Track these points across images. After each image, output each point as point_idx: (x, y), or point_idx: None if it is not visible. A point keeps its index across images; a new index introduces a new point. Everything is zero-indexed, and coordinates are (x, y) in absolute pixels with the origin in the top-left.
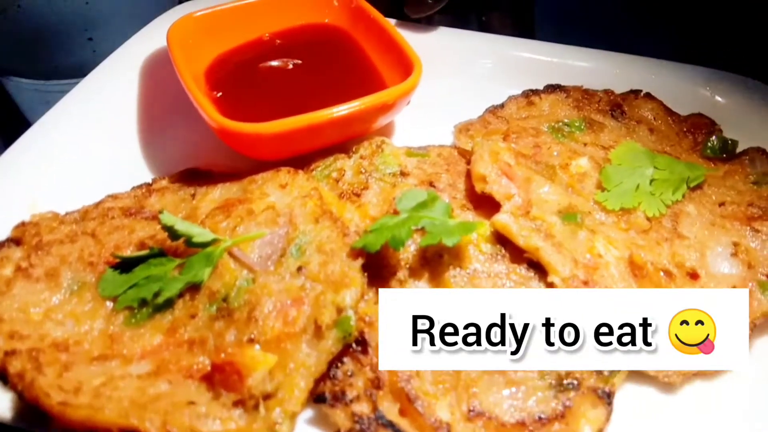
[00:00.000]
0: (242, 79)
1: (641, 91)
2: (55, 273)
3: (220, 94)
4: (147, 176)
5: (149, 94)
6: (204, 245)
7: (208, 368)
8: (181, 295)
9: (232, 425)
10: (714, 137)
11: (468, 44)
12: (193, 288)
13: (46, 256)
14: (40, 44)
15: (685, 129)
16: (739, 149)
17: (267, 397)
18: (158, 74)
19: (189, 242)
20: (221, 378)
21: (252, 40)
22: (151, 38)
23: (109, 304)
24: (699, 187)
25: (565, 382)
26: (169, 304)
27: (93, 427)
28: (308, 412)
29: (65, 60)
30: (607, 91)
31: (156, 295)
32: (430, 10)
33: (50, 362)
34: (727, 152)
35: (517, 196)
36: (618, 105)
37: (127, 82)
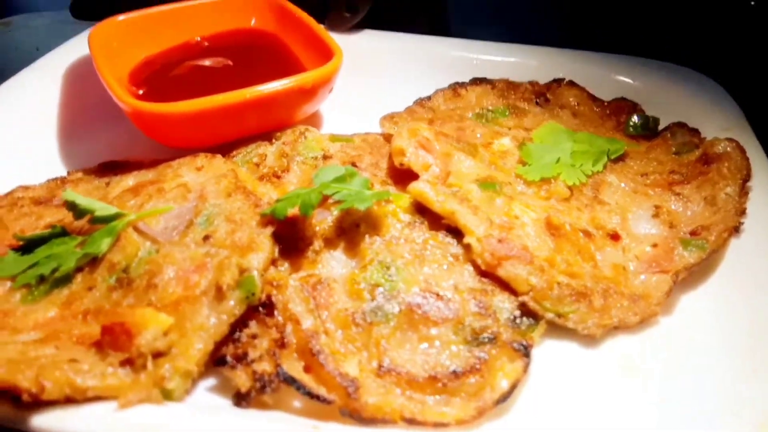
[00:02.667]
0: (167, 78)
1: (564, 79)
2: None
3: (142, 91)
4: (64, 172)
5: (72, 97)
6: (107, 219)
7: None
8: (80, 269)
9: (114, 380)
10: (635, 116)
11: (396, 45)
12: (93, 262)
13: None
14: None
15: (608, 112)
16: (662, 128)
17: (157, 355)
18: (82, 81)
19: (92, 218)
20: (110, 339)
21: (180, 43)
22: (80, 46)
23: (8, 284)
24: (621, 159)
25: (481, 337)
26: (66, 278)
27: None
28: (211, 380)
29: None
30: (531, 82)
31: (54, 270)
32: (349, 23)
33: None
34: (649, 130)
35: (435, 166)
36: (542, 93)
37: (51, 85)
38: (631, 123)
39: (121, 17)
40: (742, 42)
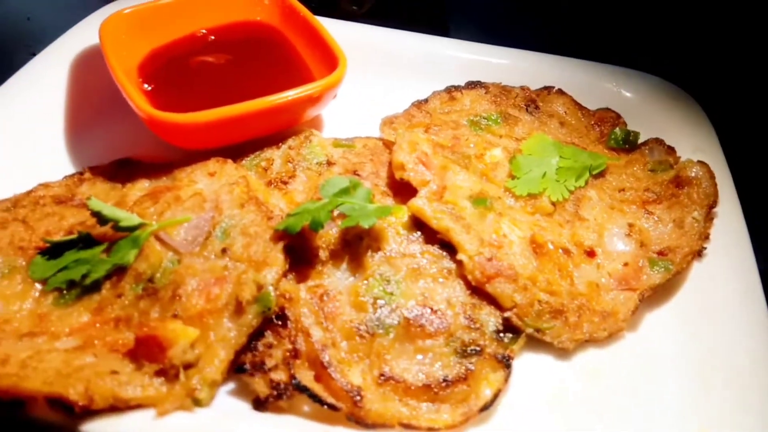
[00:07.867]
0: (174, 73)
1: (554, 87)
2: None
3: (151, 87)
4: (79, 167)
5: (81, 88)
6: (131, 229)
7: (133, 343)
8: (108, 276)
9: (152, 391)
10: (617, 129)
11: (395, 42)
12: (120, 270)
13: None
14: None
15: (592, 122)
16: (642, 140)
17: (187, 366)
18: (90, 70)
19: (116, 226)
20: (144, 350)
21: (186, 35)
22: (83, 36)
23: (39, 287)
24: (602, 175)
25: (468, 349)
26: (96, 285)
27: (19, 395)
28: (230, 385)
29: (8, 74)
30: (523, 88)
31: (84, 276)
32: (356, 15)
33: None
34: (629, 143)
35: (433, 183)
36: (532, 100)
37: (59, 77)
38: (613, 136)
39: (128, 10)
40: (724, 55)
